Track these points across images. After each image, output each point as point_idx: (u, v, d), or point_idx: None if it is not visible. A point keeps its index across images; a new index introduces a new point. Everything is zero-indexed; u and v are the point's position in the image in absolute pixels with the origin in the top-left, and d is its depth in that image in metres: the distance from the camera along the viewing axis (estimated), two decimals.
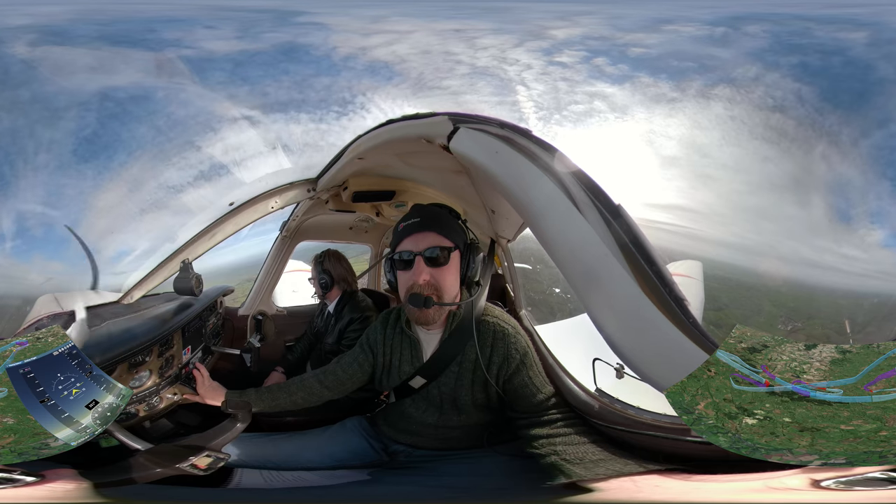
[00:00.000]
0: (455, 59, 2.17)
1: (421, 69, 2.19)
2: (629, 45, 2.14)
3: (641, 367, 1.11)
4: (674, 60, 2.12)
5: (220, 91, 2.19)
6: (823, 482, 1.23)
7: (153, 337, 1.90)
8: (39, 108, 2.05)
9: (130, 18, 2.37)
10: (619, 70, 2.11)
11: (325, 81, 2.23)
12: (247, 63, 2.23)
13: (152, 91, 2.17)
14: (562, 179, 1.25)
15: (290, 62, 2.21)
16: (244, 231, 2.27)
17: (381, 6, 2.39)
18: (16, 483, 1.34)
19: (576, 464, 1.40)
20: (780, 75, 2.07)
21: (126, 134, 2.14)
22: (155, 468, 1.51)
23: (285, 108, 2.19)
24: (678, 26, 2.20)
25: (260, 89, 2.18)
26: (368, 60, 2.22)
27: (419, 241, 1.62)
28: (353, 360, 1.83)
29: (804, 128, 2.01)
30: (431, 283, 1.60)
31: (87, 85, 2.14)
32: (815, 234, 1.92)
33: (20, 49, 2.17)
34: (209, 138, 2.20)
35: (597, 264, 1.16)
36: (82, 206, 2.05)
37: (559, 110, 2.12)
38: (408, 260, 1.62)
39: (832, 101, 2.05)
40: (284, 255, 3.63)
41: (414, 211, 1.71)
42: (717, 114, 2.07)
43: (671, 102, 2.09)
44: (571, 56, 2.13)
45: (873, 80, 2.06)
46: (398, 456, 1.83)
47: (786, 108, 2.04)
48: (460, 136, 1.53)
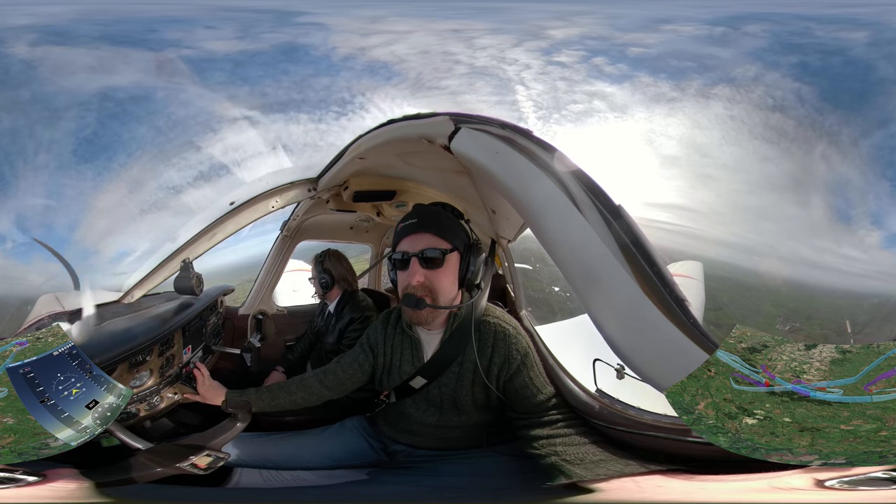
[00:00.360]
0: (454, 59, 2.17)
1: (420, 69, 2.20)
2: (628, 45, 2.14)
3: (642, 368, 1.11)
4: (673, 60, 2.13)
5: (220, 91, 2.19)
6: (827, 482, 1.23)
7: (153, 336, 1.91)
8: (39, 109, 2.05)
9: (131, 18, 2.37)
10: (619, 70, 2.11)
11: (325, 81, 2.23)
12: (247, 63, 2.23)
13: (152, 91, 2.17)
14: (562, 179, 1.26)
15: (289, 62, 2.21)
16: (245, 231, 2.27)
17: (379, 6, 2.39)
18: (18, 483, 1.34)
19: (576, 464, 1.40)
20: (780, 75, 2.08)
21: (126, 134, 2.14)
22: (155, 467, 1.51)
23: (285, 108, 2.19)
24: (677, 26, 2.20)
25: (260, 89, 2.18)
26: (367, 60, 2.22)
27: (415, 242, 1.62)
28: (353, 360, 1.83)
29: (804, 127, 2.01)
30: (426, 284, 1.61)
31: (87, 85, 2.14)
32: (815, 234, 1.92)
33: (21, 49, 2.16)
34: (209, 138, 2.20)
35: (597, 264, 1.16)
36: (82, 206, 2.05)
37: (558, 110, 2.12)
38: (404, 260, 1.63)
39: (832, 100, 2.05)
40: (285, 254, 3.63)
41: (413, 211, 1.71)
42: (717, 113, 2.07)
43: (671, 102, 2.09)
44: (570, 56, 2.13)
45: (873, 79, 2.06)
46: (398, 456, 1.83)
47: (786, 107, 2.04)
48: (461, 137, 1.53)
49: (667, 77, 2.12)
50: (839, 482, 1.24)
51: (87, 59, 2.21)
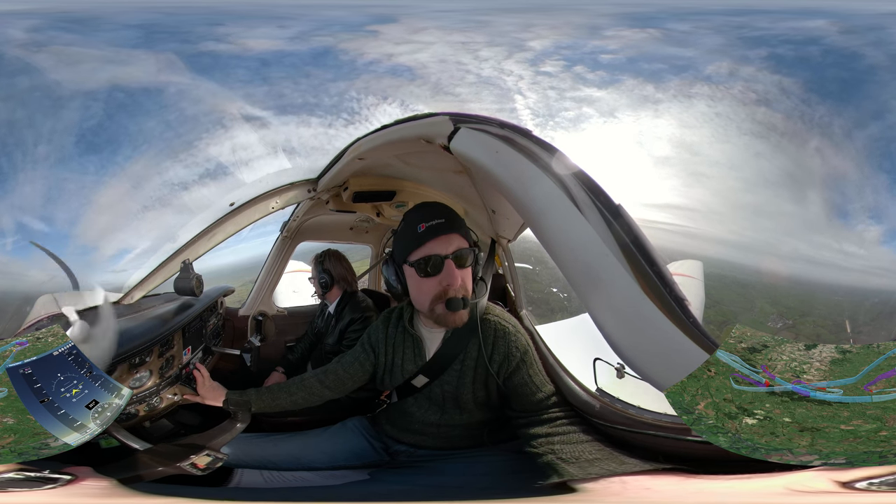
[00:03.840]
0: (465, 69, 2.18)
1: (437, 77, 2.19)
2: (596, 52, 2.15)
3: (642, 367, 1.11)
4: (644, 63, 2.13)
5: (238, 90, 2.17)
6: (828, 484, 1.23)
7: (153, 337, 1.90)
8: (40, 98, 2.04)
9: (196, 5, 2.34)
10: (599, 76, 2.12)
11: (342, 86, 2.22)
12: (273, 63, 2.21)
13: (165, 85, 2.15)
14: (562, 179, 1.26)
15: (314, 66, 2.20)
16: (246, 232, 2.27)
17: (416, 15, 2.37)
18: (53, 483, 1.34)
19: (571, 463, 1.40)
20: (755, 69, 2.07)
21: (131, 129, 2.13)
22: (155, 467, 1.51)
23: (298, 111, 2.18)
24: (630, 30, 2.20)
25: (277, 90, 2.17)
26: (390, 65, 2.21)
27: (447, 244, 1.57)
28: (354, 360, 1.83)
29: (793, 120, 2.01)
30: (464, 284, 1.59)
31: (96, 74, 2.12)
32: (813, 231, 1.92)
33: (27, 38, 2.14)
34: (214, 138, 2.19)
35: (597, 264, 1.16)
36: (82, 206, 2.04)
37: (552, 117, 2.13)
38: (438, 264, 1.57)
39: (818, 91, 2.04)
40: (285, 255, 3.63)
41: (431, 210, 1.64)
42: (702, 112, 2.07)
43: (655, 104, 2.10)
44: (554, 65, 2.14)
45: (862, 68, 2.04)
46: (399, 456, 1.83)
47: (770, 101, 2.04)
48: (461, 136, 1.53)
49: (645, 80, 2.13)
50: (839, 484, 1.23)
51: (101, 52, 2.19)
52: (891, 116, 1.93)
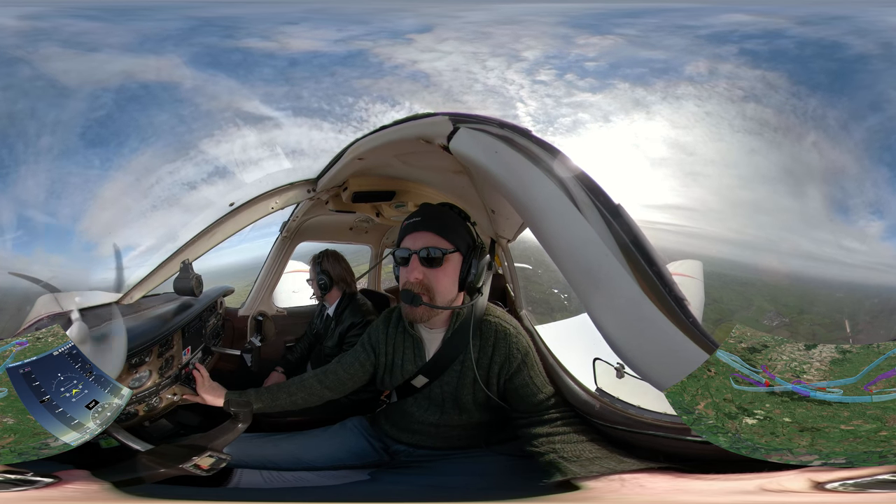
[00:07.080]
0: (473, 78, 2.17)
1: (449, 84, 2.18)
2: (580, 60, 2.14)
3: (641, 367, 1.11)
4: (626, 69, 2.12)
5: (258, 88, 2.14)
6: (828, 484, 1.23)
7: (153, 337, 1.90)
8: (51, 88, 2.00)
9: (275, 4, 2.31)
10: (589, 83, 2.12)
11: (358, 91, 2.19)
12: (302, 63, 2.17)
13: (181, 81, 2.11)
14: (562, 179, 1.26)
15: (342, 66, 2.16)
16: (246, 233, 2.27)
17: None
18: (34, 485, 1.34)
19: (573, 461, 1.41)
20: (733, 65, 2.06)
21: (135, 124, 2.10)
22: (158, 468, 1.51)
23: (312, 114, 2.16)
24: (598, 37, 2.19)
25: (296, 91, 2.14)
26: (410, 71, 2.19)
27: (416, 240, 1.64)
28: (354, 360, 1.83)
29: (785, 115, 2.00)
30: (424, 282, 1.61)
31: (108, 65, 2.07)
32: (813, 226, 1.91)
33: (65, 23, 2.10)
34: (218, 137, 2.17)
35: (597, 264, 1.16)
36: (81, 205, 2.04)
37: (551, 123, 2.13)
38: (404, 257, 1.64)
39: (807, 83, 2.03)
40: (285, 255, 3.63)
41: (419, 210, 1.73)
42: (692, 112, 2.06)
43: (646, 106, 2.09)
44: (547, 74, 2.14)
45: (850, 57, 2.02)
46: (399, 455, 1.83)
47: (758, 97, 2.02)
48: (460, 136, 1.53)
49: (632, 84, 2.12)
50: (841, 485, 1.24)
51: (117, 37, 2.13)
52: (890, 107, 1.91)
